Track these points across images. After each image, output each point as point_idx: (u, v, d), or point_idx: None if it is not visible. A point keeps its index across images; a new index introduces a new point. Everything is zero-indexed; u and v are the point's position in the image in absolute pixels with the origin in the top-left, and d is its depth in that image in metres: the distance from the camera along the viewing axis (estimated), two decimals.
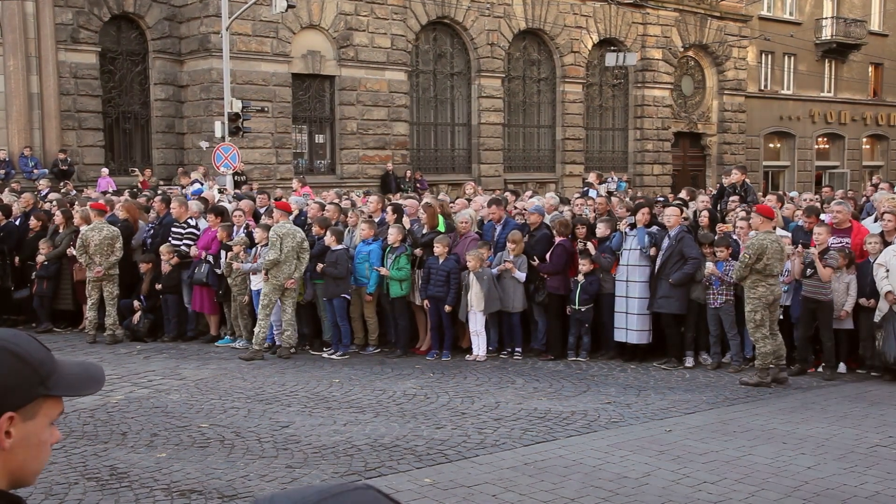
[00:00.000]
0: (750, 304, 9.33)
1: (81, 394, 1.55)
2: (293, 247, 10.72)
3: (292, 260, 10.72)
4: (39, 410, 1.50)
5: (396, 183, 24.73)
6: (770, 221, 9.50)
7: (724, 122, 34.60)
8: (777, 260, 9.23)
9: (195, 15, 23.62)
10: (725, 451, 6.96)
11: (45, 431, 1.53)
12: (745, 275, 9.27)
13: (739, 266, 9.31)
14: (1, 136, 22.00)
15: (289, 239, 10.72)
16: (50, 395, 1.51)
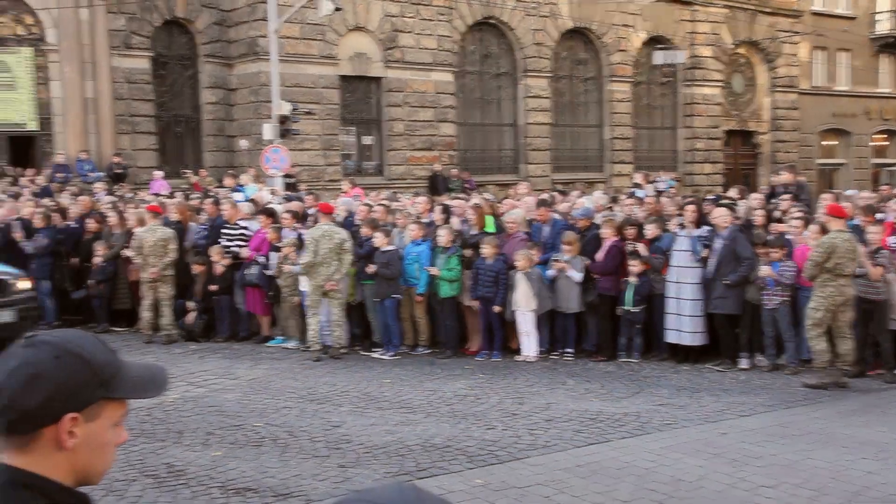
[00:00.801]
0: (815, 301, 9.15)
1: (143, 396, 1.56)
2: (331, 248, 10.75)
3: (331, 261, 10.75)
4: (102, 412, 1.52)
5: (444, 184, 24.75)
6: (841, 220, 9.29)
7: (777, 119, 34.05)
8: (849, 260, 9.02)
9: (244, 19, 23.89)
10: (783, 454, 6.85)
11: (108, 433, 1.54)
12: (815, 273, 9.09)
13: (809, 264, 9.14)
14: (59, 141, 22.49)
15: (325, 241, 10.78)
16: (112, 398, 1.52)
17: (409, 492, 1.18)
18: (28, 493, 1.46)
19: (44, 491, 1.47)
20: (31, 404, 1.45)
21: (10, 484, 1.46)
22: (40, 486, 1.47)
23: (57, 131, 22.56)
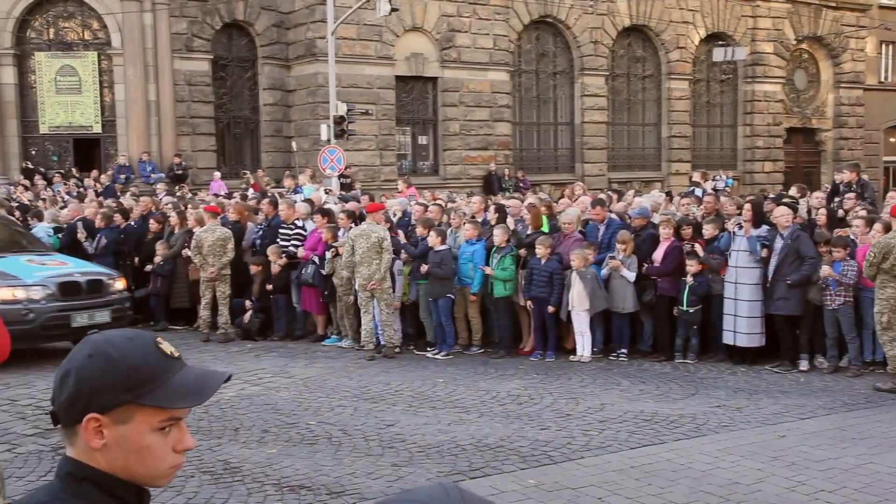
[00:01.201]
0: (877, 304, 8.95)
1: (178, 406, 1.52)
2: (368, 247, 10.80)
3: (370, 261, 10.80)
4: (133, 416, 1.50)
5: (499, 183, 24.72)
6: None
7: (841, 116, 33.28)
8: None
9: (302, 21, 24.16)
10: (844, 458, 6.69)
11: (146, 437, 1.51)
12: (872, 273, 8.90)
13: (865, 264, 8.98)
14: (121, 143, 23.03)
15: (362, 240, 10.84)
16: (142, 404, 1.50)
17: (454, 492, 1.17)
18: (85, 485, 1.50)
19: (100, 483, 1.50)
20: (61, 400, 1.50)
21: (69, 475, 1.50)
22: (96, 479, 1.50)
23: (120, 133, 23.12)
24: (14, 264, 10.70)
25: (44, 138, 23.19)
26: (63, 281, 10.54)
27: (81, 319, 10.41)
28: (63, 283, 10.52)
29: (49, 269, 10.74)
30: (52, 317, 10.22)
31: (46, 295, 10.27)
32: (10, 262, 10.74)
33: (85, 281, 10.76)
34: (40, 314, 10.13)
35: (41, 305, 10.19)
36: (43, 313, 10.16)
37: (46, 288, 10.33)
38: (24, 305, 10.08)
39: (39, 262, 10.97)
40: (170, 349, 1.56)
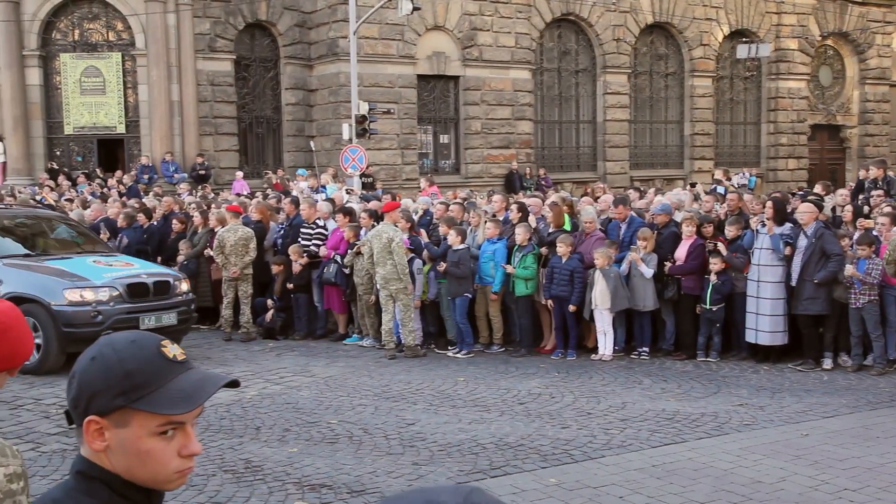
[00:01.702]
0: None
1: (167, 412, 1.51)
2: (381, 248, 10.82)
3: (384, 261, 10.82)
4: (131, 420, 1.51)
5: (521, 182, 24.68)
6: None
7: (866, 112, 32.93)
8: None
9: (324, 20, 24.25)
10: (868, 457, 6.63)
11: (145, 441, 1.51)
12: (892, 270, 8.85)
13: (887, 260, 8.90)
14: (145, 143, 23.22)
15: (376, 241, 10.88)
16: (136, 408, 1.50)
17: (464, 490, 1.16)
18: (95, 484, 1.52)
19: (108, 483, 1.52)
20: (68, 400, 1.55)
21: (80, 473, 1.54)
22: (104, 478, 1.52)
23: (143, 134, 23.31)
24: (81, 265, 10.54)
25: (68, 139, 23.43)
26: (131, 282, 10.33)
27: (149, 321, 10.21)
28: (131, 284, 10.30)
29: (116, 271, 10.55)
30: (120, 319, 9.96)
31: (114, 296, 10.07)
32: (77, 263, 10.59)
33: (152, 282, 10.53)
34: (108, 316, 9.91)
35: (109, 307, 9.98)
36: (111, 315, 9.94)
37: (114, 289, 10.11)
38: (93, 307, 9.88)
39: (106, 264, 10.78)
40: (174, 353, 1.56)
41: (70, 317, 9.77)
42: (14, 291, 9.72)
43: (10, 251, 10.71)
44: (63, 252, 11.17)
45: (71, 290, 9.92)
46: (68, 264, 10.52)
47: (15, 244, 11.06)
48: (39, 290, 9.88)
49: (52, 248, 11.33)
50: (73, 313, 9.79)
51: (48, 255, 10.89)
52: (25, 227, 11.79)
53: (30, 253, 10.86)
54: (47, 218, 12.47)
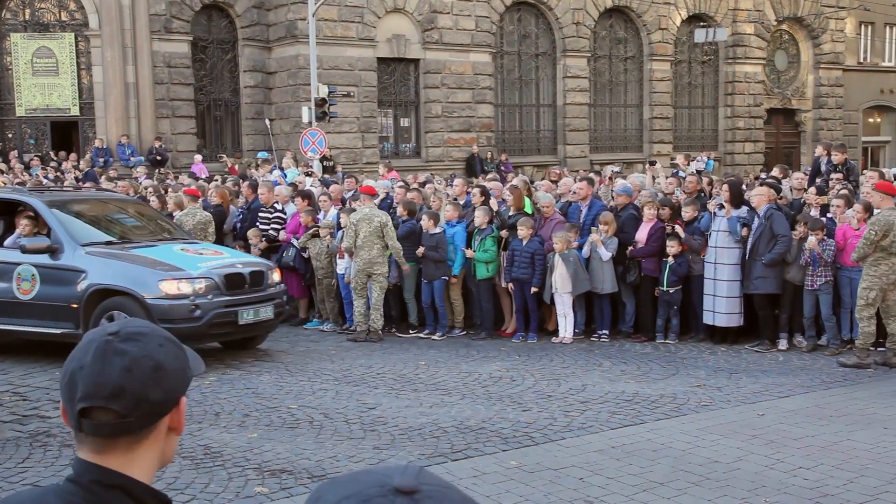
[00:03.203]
0: (867, 280, 9.02)
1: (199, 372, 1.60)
2: (370, 231, 10.71)
3: (372, 245, 10.74)
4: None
5: (481, 165, 24.69)
6: (892, 198, 9.13)
7: (820, 97, 33.41)
8: None
9: (283, 2, 23.97)
10: (822, 436, 6.76)
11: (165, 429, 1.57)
12: (868, 252, 8.95)
13: (863, 243, 8.99)
14: (100, 126, 22.81)
15: (364, 224, 10.72)
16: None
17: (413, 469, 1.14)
18: (116, 493, 1.45)
19: (130, 490, 1.46)
20: (158, 396, 1.46)
21: (97, 483, 1.45)
22: (127, 486, 1.46)
23: (98, 116, 22.89)
24: (171, 254, 9.61)
25: (20, 121, 22.95)
26: (229, 273, 9.44)
27: (248, 316, 9.41)
28: (229, 274, 9.41)
29: (209, 259, 9.64)
30: (219, 313, 9.14)
31: (212, 288, 9.15)
32: (166, 252, 9.65)
33: (248, 272, 9.64)
34: (207, 310, 9.02)
35: (208, 300, 9.06)
36: (209, 309, 9.04)
37: (211, 280, 9.19)
38: (191, 301, 8.98)
39: (196, 252, 9.86)
40: None
41: (166, 311, 8.85)
42: (101, 283, 9.03)
43: (90, 238, 9.71)
44: (144, 239, 10.20)
45: (167, 281, 9.02)
46: (157, 252, 9.60)
47: (96, 231, 10.09)
48: (131, 282, 9.00)
49: (130, 235, 10.33)
50: (170, 307, 8.90)
51: (130, 243, 9.92)
52: (98, 212, 10.82)
53: (112, 240, 9.89)
54: (117, 201, 11.69)
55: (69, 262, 9.27)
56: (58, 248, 9.33)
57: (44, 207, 9.77)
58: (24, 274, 9.40)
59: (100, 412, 1.44)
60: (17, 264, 9.42)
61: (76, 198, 11.22)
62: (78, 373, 1.44)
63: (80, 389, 1.43)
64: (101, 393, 1.43)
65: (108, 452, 1.46)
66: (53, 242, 9.39)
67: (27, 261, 9.37)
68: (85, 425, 1.45)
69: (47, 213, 9.71)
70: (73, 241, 9.41)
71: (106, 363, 1.43)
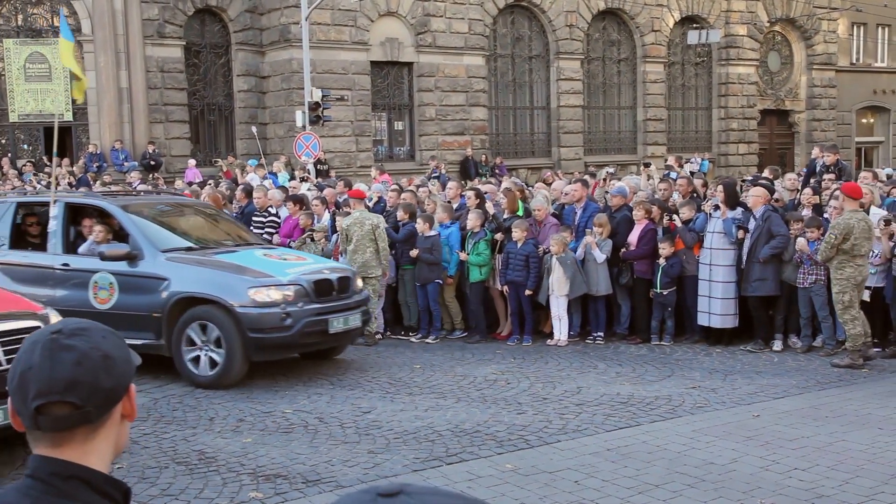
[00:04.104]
0: (837, 285, 9.09)
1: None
2: (363, 235, 10.65)
3: (364, 248, 10.69)
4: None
5: (476, 168, 24.70)
6: (855, 201, 9.21)
7: (814, 97, 33.49)
8: (865, 239, 9.02)
9: (275, 6, 23.96)
10: (817, 436, 6.75)
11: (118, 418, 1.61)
12: (831, 255, 9.01)
13: (825, 246, 9.05)
14: (93, 131, 22.77)
15: (356, 227, 10.66)
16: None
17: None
18: (75, 483, 1.48)
19: (88, 480, 1.49)
20: (110, 384, 1.51)
21: (55, 475, 1.48)
22: (85, 477, 1.49)
23: (91, 121, 22.86)
24: (255, 259, 9.17)
25: (13, 126, 22.89)
26: (318, 279, 8.96)
27: (338, 324, 8.94)
28: (318, 281, 8.93)
29: (296, 265, 9.18)
30: (310, 322, 8.66)
31: (302, 296, 8.68)
32: (249, 257, 9.23)
33: (336, 278, 9.17)
34: (297, 319, 8.55)
35: (298, 308, 8.58)
36: (300, 318, 8.57)
37: (301, 287, 8.72)
38: (282, 309, 8.48)
39: (279, 257, 9.43)
40: None
41: (256, 320, 8.38)
42: (186, 291, 8.59)
43: (170, 244, 9.24)
44: (221, 244, 9.75)
45: (257, 288, 8.51)
46: (240, 258, 9.15)
47: (174, 236, 9.60)
48: (218, 290, 8.52)
49: (206, 240, 9.79)
50: (260, 316, 8.40)
51: (209, 248, 9.44)
52: (172, 216, 10.40)
53: (191, 246, 9.38)
54: (188, 204, 11.21)
55: (150, 269, 8.83)
56: (137, 255, 8.91)
57: (120, 212, 9.39)
58: (102, 282, 8.96)
59: (56, 406, 1.47)
60: (94, 272, 9.00)
61: (148, 202, 10.71)
62: (27, 373, 1.48)
63: (34, 388, 1.47)
64: (55, 388, 1.46)
65: (65, 445, 1.49)
66: (133, 249, 8.96)
67: (104, 268, 8.93)
68: (43, 422, 1.47)
69: (125, 217, 9.30)
70: (153, 247, 8.99)
71: (55, 359, 1.47)
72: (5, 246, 9.81)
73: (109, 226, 9.53)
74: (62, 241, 9.56)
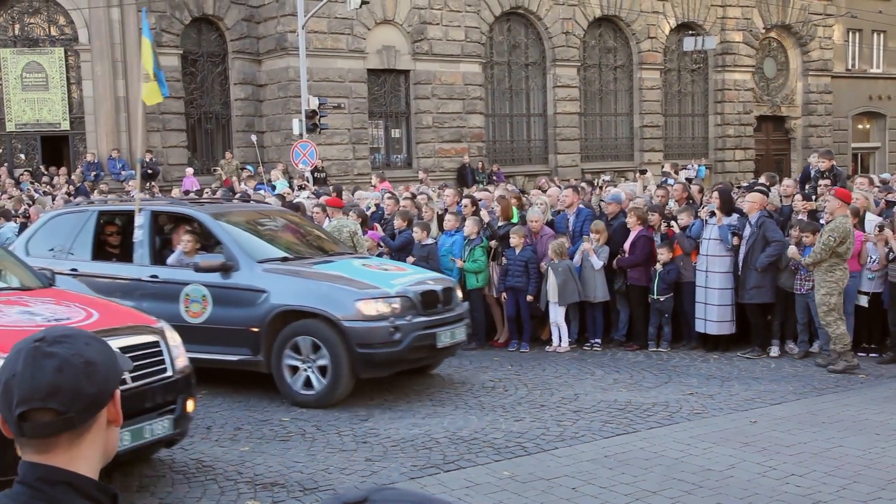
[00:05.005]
0: (825, 287, 9.14)
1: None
2: (342, 241, 10.50)
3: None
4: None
5: (473, 175, 24.73)
6: (847, 205, 9.28)
7: (810, 104, 33.58)
8: (850, 244, 9.15)
9: (272, 14, 24.00)
10: (814, 442, 6.76)
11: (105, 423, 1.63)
12: (824, 258, 9.06)
13: (821, 248, 9.06)
14: (90, 140, 22.78)
15: (334, 235, 10.54)
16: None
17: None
18: (62, 488, 1.49)
19: (75, 485, 1.50)
20: (92, 390, 1.52)
21: (42, 480, 1.49)
22: (73, 482, 1.50)
23: (89, 130, 22.87)
24: (355, 269, 8.66)
25: (10, 136, 22.90)
26: (425, 290, 8.46)
27: (445, 339, 8.43)
28: (425, 292, 8.44)
29: (400, 276, 8.67)
30: (419, 336, 8.15)
31: (409, 308, 8.17)
32: (347, 267, 8.71)
33: (441, 289, 8.67)
34: (406, 333, 8.03)
35: (407, 322, 8.06)
36: (409, 332, 8.05)
37: (408, 299, 8.21)
38: (391, 323, 7.98)
39: (379, 267, 8.99)
40: None
41: (364, 334, 7.90)
42: (287, 304, 8.08)
43: (265, 254, 8.75)
44: (315, 253, 9.27)
45: (364, 301, 8.00)
46: (340, 269, 8.61)
47: (269, 246, 9.13)
48: (323, 302, 8.02)
49: (298, 249, 9.33)
50: (369, 330, 7.91)
51: (303, 258, 8.96)
52: (260, 224, 9.87)
53: (286, 255, 8.92)
54: (273, 212, 10.76)
55: (246, 281, 8.31)
56: (232, 266, 8.39)
57: (211, 220, 8.93)
58: (194, 295, 8.47)
59: (39, 413, 1.49)
60: (185, 284, 8.51)
61: (235, 210, 10.13)
62: (11, 381, 1.50)
63: (16, 395, 1.49)
64: (36, 395, 1.48)
65: (51, 451, 1.51)
66: (227, 259, 8.46)
67: (196, 280, 8.44)
68: (26, 429, 1.49)
69: (216, 226, 8.86)
70: (248, 257, 8.48)
71: (37, 367, 1.49)
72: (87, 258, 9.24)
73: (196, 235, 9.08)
74: (149, 252, 9.02)
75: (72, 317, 5.93)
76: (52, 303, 6.26)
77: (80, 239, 9.37)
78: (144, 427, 5.69)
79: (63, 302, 6.33)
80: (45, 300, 6.30)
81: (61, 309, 6.12)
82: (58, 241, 9.42)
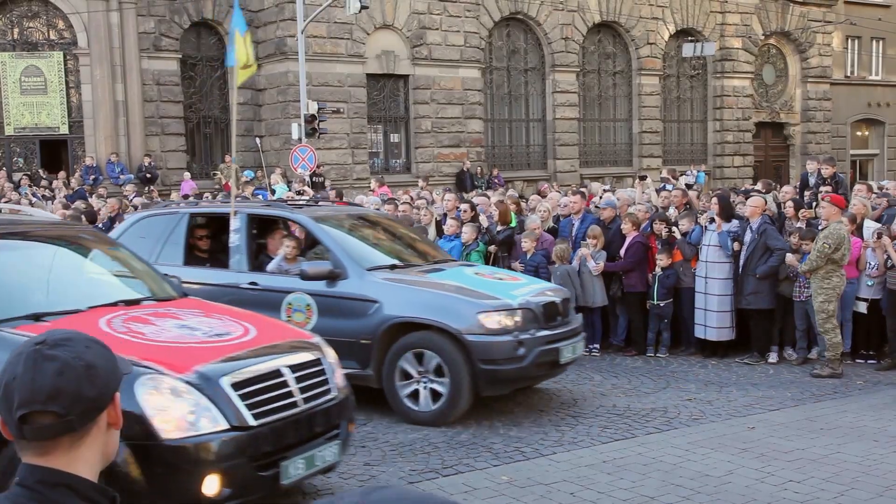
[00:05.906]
0: (823, 294, 9.15)
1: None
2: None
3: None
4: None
5: (472, 181, 24.75)
6: (842, 212, 9.32)
7: (809, 110, 33.63)
8: (847, 250, 9.17)
9: (271, 19, 24.03)
10: (812, 448, 6.76)
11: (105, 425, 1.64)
12: (820, 265, 9.07)
13: (817, 255, 9.09)
14: (89, 144, 22.78)
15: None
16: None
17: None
18: (61, 490, 1.50)
19: (74, 487, 1.51)
20: (92, 393, 1.53)
21: (42, 482, 1.50)
22: (72, 484, 1.51)
23: (87, 134, 22.88)
24: (471, 278, 8.11)
25: (9, 140, 22.90)
26: (546, 302, 7.88)
27: (568, 354, 7.91)
28: (547, 304, 7.87)
29: (518, 286, 8.14)
30: (543, 351, 7.60)
31: (530, 321, 7.60)
32: (460, 276, 8.17)
33: (560, 301, 8.10)
34: (531, 348, 7.48)
35: (531, 336, 7.50)
36: (533, 346, 7.49)
37: (531, 312, 7.64)
38: (514, 337, 7.43)
39: (493, 276, 8.46)
40: None
41: (487, 349, 7.33)
42: (402, 315, 7.54)
43: (373, 261, 8.20)
44: (422, 261, 8.68)
45: (487, 313, 7.43)
46: (454, 277, 8.07)
47: (377, 252, 8.56)
48: (441, 314, 7.45)
49: (404, 256, 8.74)
50: (492, 345, 7.35)
51: (414, 266, 8.40)
52: (362, 228, 9.27)
53: (395, 263, 8.33)
54: (371, 217, 10.16)
55: (355, 289, 7.78)
56: (339, 274, 7.83)
57: (314, 224, 8.37)
58: (297, 304, 7.96)
59: (39, 416, 1.50)
60: (287, 292, 8.00)
61: (336, 213, 9.30)
62: (12, 383, 1.50)
63: (17, 398, 1.49)
64: (37, 398, 1.49)
65: (51, 454, 1.52)
66: (335, 266, 7.88)
67: (299, 288, 7.94)
68: (27, 431, 1.50)
69: (320, 231, 8.30)
70: (356, 265, 7.92)
71: (38, 370, 1.50)
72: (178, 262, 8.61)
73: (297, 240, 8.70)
74: (247, 257, 8.51)
75: (230, 332, 5.37)
76: (201, 315, 5.67)
77: (171, 242, 8.82)
78: (315, 454, 5.21)
79: (213, 315, 5.73)
80: (193, 312, 5.71)
81: (216, 323, 5.54)
82: (146, 244, 8.56)
